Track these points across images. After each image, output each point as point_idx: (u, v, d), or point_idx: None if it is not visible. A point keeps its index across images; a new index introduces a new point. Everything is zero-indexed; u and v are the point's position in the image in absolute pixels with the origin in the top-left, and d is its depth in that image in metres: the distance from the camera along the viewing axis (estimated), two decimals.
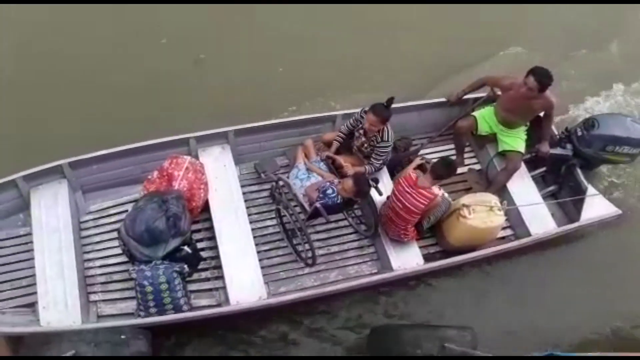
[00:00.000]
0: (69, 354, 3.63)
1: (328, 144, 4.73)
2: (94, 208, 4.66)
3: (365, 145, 4.53)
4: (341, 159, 4.50)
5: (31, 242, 4.27)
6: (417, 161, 4.54)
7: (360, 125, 4.49)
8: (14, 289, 4.21)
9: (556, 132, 5.09)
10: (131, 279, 4.10)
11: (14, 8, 5.87)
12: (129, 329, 3.87)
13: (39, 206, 4.38)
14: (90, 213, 4.64)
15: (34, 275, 4.12)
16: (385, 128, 4.40)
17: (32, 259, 4.19)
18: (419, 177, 4.21)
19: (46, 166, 4.40)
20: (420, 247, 4.58)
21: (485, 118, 4.89)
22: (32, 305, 4.12)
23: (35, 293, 4.07)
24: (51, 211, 4.35)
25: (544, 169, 5.15)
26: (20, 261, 4.32)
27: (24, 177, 4.36)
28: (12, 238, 4.43)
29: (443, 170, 4.15)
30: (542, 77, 4.33)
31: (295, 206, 4.36)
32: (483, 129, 4.90)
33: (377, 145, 4.45)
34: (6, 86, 5.37)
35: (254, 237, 4.46)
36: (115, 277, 4.36)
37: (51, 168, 4.42)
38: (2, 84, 5.37)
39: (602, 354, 4.22)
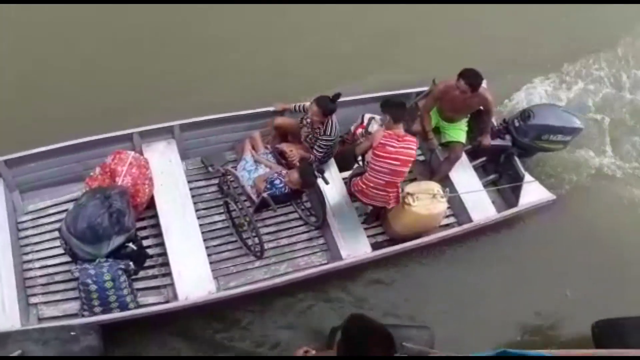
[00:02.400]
0: (16, 354, 3.50)
1: (278, 129, 4.75)
2: (32, 208, 4.48)
3: (310, 136, 4.58)
4: (287, 147, 4.53)
5: None
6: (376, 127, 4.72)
7: (307, 115, 4.53)
8: None
9: (495, 124, 5.30)
10: (74, 279, 3.98)
11: None
12: (78, 326, 3.75)
13: None
14: (29, 213, 4.46)
15: None
16: (330, 121, 4.45)
17: None
18: (394, 130, 4.23)
19: None
20: (368, 237, 4.67)
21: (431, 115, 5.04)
22: None
23: None
24: None
25: (484, 158, 5.37)
26: None
27: None
28: None
29: (398, 111, 4.25)
30: (471, 79, 4.49)
31: (243, 199, 4.35)
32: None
33: (320, 137, 4.50)
34: None
35: (203, 232, 4.42)
36: (57, 277, 4.22)
37: None
38: None
39: (554, 352, 4.39)
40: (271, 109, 4.89)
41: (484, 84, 4.59)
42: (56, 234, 4.18)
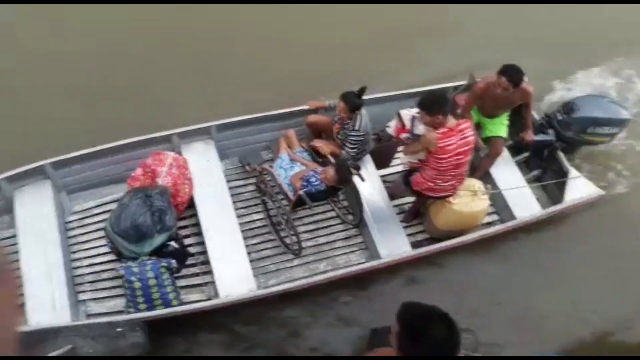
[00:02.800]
0: (66, 348, 3.64)
1: (312, 126, 4.76)
2: (78, 208, 4.63)
3: (341, 132, 4.57)
4: (320, 143, 4.52)
5: (17, 244, 4.22)
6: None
7: (337, 112, 4.52)
8: None
9: (537, 117, 5.15)
10: (119, 277, 4.09)
11: None
12: (124, 322, 3.86)
13: (23, 207, 4.35)
14: (75, 213, 4.61)
15: (21, 277, 4.09)
16: (358, 116, 4.42)
17: (19, 260, 4.15)
18: (447, 123, 3.93)
19: (28, 167, 4.37)
20: (407, 235, 4.62)
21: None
22: (21, 307, 4.08)
23: (22, 295, 4.03)
24: (36, 212, 4.32)
25: (527, 153, 5.22)
26: None
27: (6, 178, 4.33)
28: None
29: (446, 107, 3.94)
30: (513, 76, 4.36)
31: (280, 197, 4.37)
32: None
33: (349, 133, 4.48)
34: None
35: (242, 230, 4.46)
36: (104, 275, 4.34)
37: (34, 169, 4.39)
38: None
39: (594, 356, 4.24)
40: (305, 107, 4.89)
41: (525, 79, 4.47)
42: (102, 233, 4.32)
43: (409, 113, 4.61)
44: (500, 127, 4.90)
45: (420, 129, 4.27)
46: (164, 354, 4.15)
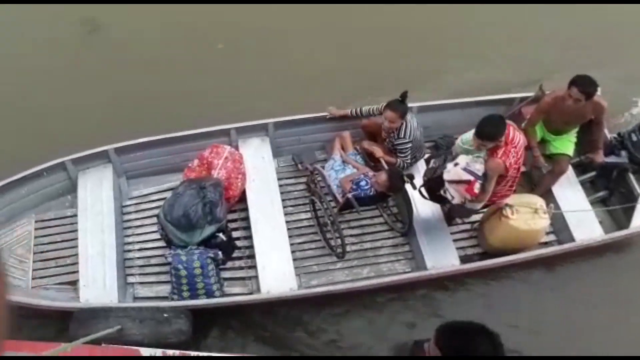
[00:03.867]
0: (115, 328, 3.80)
1: (365, 129, 4.72)
2: (136, 193, 4.81)
3: (387, 141, 4.49)
4: (376, 148, 4.46)
5: (76, 223, 4.45)
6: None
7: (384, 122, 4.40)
8: (59, 266, 4.41)
9: (608, 136, 4.84)
10: (167, 264, 4.21)
11: None
12: (170, 308, 3.98)
13: (85, 189, 4.57)
14: (133, 198, 4.79)
15: (77, 255, 4.30)
16: (403, 124, 4.32)
17: (77, 239, 4.37)
18: (503, 145, 3.74)
19: (93, 151, 4.60)
20: (457, 248, 4.47)
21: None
22: (74, 284, 4.30)
23: (77, 272, 4.25)
24: (96, 194, 4.54)
25: (593, 173, 4.93)
26: (65, 241, 4.51)
27: (72, 160, 4.57)
28: (60, 218, 4.64)
29: (502, 129, 3.68)
30: (585, 87, 4.07)
31: (329, 198, 4.35)
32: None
33: (395, 142, 4.39)
34: (64, 73, 5.61)
35: (288, 229, 4.48)
36: (153, 261, 4.48)
37: (98, 153, 4.61)
38: (56, 77, 5.60)
39: None
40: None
41: (598, 92, 4.20)
42: (155, 219, 4.45)
43: (458, 169, 3.89)
44: (567, 144, 4.64)
45: (477, 167, 3.84)
46: (203, 344, 4.22)
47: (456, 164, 3.88)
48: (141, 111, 5.30)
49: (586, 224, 4.50)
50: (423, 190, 4.27)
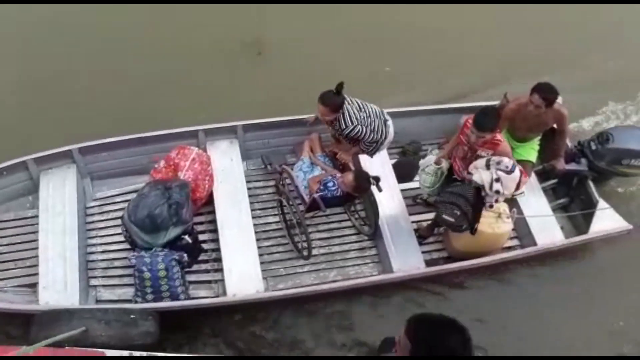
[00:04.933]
0: (79, 330, 3.69)
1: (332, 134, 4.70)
2: (100, 195, 4.72)
3: (334, 132, 4.37)
4: (333, 146, 4.48)
5: (37, 224, 4.33)
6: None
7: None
8: (18, 268, 4.29)
9: (569, 145, 4.99)
10: (131, 266, 4.11)
11: None
12: (137, 310, 3.91)
13: (47, 189, 4.47)
14: (97, 199, 4.70)
15: (37, 257, 4.18)
16: (341, 114, 4.09)
17: (37, 240, 4.25)
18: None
19: (56, 150, 4.50)
20: (423, 252, 4.53)
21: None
22: (34, 286, 4.17)
23: (37, 274, 4.12)
24: (58, 195, 4.44)
25: (555, 180, 5.06)
26: (25, 242, 4.39)
27: (34, 159, 4.46)
28: (20, 219, 4.52)
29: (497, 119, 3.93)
30: (546, 93, 4.22)
31: (296, 198, 4.36)
32: None
33: (342, 133, 4.21)
34: (22, 72, 5.50)
35: (256, 232, 4.47)
36: (116, 263, 4.39)
37: (61, 152, 4.52)
38: (19, 70, 5.49)
39: None
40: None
41: (559, 100, 4.34)
42: (119, 221, 4.36)
43: (503, 175, 3.89)
44: (530, 151, 4.76)
45: (505, 161, 3.86)
46: (170, 346, 4.14)
47: (497, 180, 3.86)
48: (108, 110, 5.24)
49: (548, 229, 4.61)
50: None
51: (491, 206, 4.07)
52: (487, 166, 3.93)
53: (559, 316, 4.48)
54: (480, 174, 3.92)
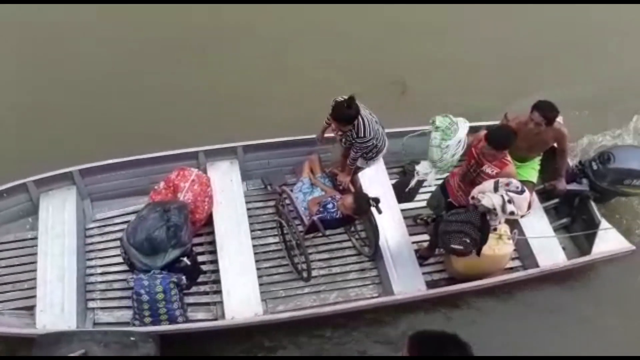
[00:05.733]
0: (79, 352, 3.66)
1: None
2: (100, 216, 4.72)
3: (343, 140, 4.33)
4: (342, 174, 4.44)
5: (37, 246, 4.32)
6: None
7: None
8: (16, 290, 4.27)
9: (570, 165, 4.97)
10: (130, 288, 4.10)
11: None
12: (138, 332, 3.87)
13: (47, 211, 4.46)
14: (97, 221, 4.70)
15: (35, 279, 4.16)
16: (358, 122, 4.03)
17: (36, 262, 4.24)
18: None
19: (57, 172, 4.51)
20: (424, 273, 4.49)
21: None
22: (31, 309, 4.14)
23: (35, 296, 4.10)
24: (58, 216, 4.43)
25: (556, 200, 5.03)
26: (24, 264, 4.38)
27: (34, 181, 4.46)
28: (20, 241, 4.51)
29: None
30: (546, 112, 4.21)
31: (295, 219, 4.34)
32: None
33: (355, 141, 4.16)
34: (22, 93, 5.52)
35: (256, 253, 4.45)
36: (115, 285, 4.37)
37: (62, 174, 4.52)
38: (19, 91, 5.52)
39: None
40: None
41: (559, 119, 4.33)
42: (118, 243, 4.36)
43: (497, 201, 3.83)
44: (530, 171, 4.74)
45: (514, 183, 3.85)
46: None
47: (510, 202, 3.79)
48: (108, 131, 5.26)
49: (550, 250, 4.57)
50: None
51: (495, 229, 4.04)
52: (496, 189, 3.86)
53: (561, 337, 4.43)
54: (489, 198, 3.81)
